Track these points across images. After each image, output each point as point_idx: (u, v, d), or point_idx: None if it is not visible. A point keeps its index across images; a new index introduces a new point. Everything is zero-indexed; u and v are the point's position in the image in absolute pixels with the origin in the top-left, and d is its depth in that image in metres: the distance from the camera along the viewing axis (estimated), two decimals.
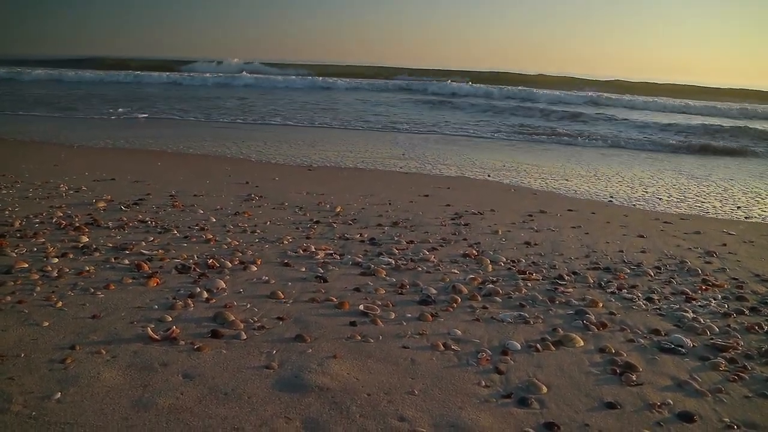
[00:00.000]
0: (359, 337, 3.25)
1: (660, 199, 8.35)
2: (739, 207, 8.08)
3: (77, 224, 5.16)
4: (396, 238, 5.35)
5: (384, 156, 11.23)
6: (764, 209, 8.07)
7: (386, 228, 5.75)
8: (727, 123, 20.45)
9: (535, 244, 5.43)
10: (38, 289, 3.67)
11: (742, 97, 35.09)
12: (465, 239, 5.49)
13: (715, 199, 8.54)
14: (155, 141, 11.88)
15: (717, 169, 11.84)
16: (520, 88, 31.28)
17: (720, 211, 7.73)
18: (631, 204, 7.87)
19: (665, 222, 6.71)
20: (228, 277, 4.10)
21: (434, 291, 4.03)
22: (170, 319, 3.35)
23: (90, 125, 14.43)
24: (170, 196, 6.63)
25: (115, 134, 12.56)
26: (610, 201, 7.98)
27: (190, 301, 3.60)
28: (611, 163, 11.91)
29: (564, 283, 4.37)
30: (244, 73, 36.30)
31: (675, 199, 8.36)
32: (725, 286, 4.52)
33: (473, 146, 13.58)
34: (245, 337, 3.17)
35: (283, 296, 3.80)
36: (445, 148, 12.95)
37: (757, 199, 8.86)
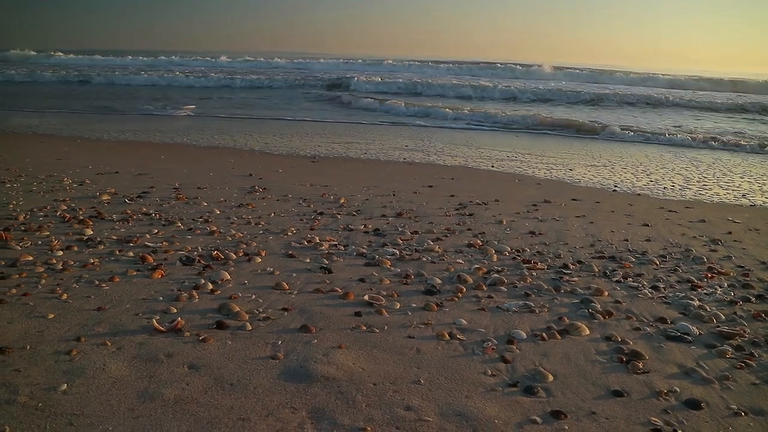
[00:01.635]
0: (364, 327, 3.24)
1: (664, 187, 8.31)
2: (744, 195, 8.05)
3: (81, 217, 5.16)
4: (400, 229, 5.34)
5: (388, 147, 11.21)
6: None
7: (390, 219, 5.74)
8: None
9: (540, 234, 5.41)
10: (43, 281, 3.67)
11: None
12: (469, 229, 5.47)
13: (720, 187, 8.50)
14: (159, 134, 11.88)
15: (721, 158, 11.78)
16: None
17: (725, 199, 7.70)
18: (635, 192, 7.84)
19: (670, 210, 6.69)
20: (233, 268, 4.10)
21: (439, 281, 4.02)
22: (175, 310, 3.35)
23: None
24: (174, 188, 6.63)
25: (118, 128, 12.57)
26: (615, 190, 7.95)
27: (194, 293, 3.60)
28: (614, 152, 11.86)
29: (569, 272, 4.36)
30: None
31: (679, 187, 8.33)
32: (731, 273, 4.50)
33: (477, 137, 13.54)
34: (250, 328, 3.17)
35: (287, 287, 3.80)
36: (449, 139, 12.92)
37: (763, 186, 8.81)
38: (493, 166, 9.53)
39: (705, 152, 12.43)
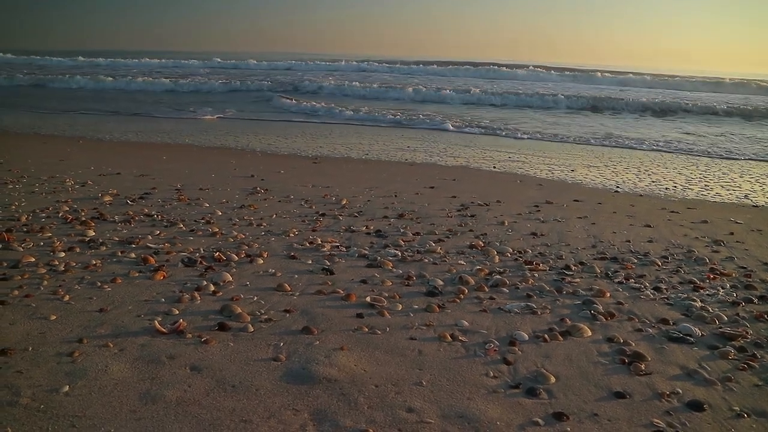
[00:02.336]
0: (366, 329, 3.24)
1: (666, 188, 8.30)
2: (746, 195, 8.04)
3: (83, 218, 5.17)
4: (402, 230, 5.34)
5: (389, 148, 11.21)
6: None
7: (392, 220, 5.74)
8: None
9: (542, 235, 5.41)
10: (45, 283, 3.67)
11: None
12: (471, 230, 5.47)
13: (722, 188, 8.49)
14: (159, 135, 11.90)
15: (723, 157, 11.76)
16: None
17: (727, 200, 7.68)
18: (637, 193, 7.83)
19: (672, 211, 6.68)
20: (234, 270, 4.10)
21: (441, 282, 4.02)
22: (177, 312, 3.35)
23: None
24: (176, 189, 6.64)
25: (119, 128, 12.59)
26: (617, 191, 7.95)
27: (196, 294, 3.60)
28: (615, 152, 11.85)
29: (571, 273, 4.36)
30: None
31: (681, 188, 8.32)
32: (733, 274, 4.49)
33: (477, 138, 13.54)
34: (252, 330, 3.17)
35: (289, 289, 3.80)
36: (450, 140, 12.92)
37: (765, 187, 8.80)
38: (494, 167, 9.53)
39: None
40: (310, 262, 4.36)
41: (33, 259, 4.06)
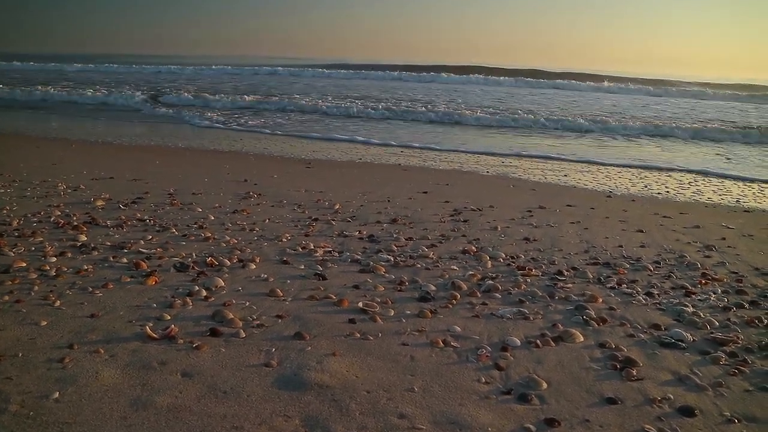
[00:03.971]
0: (358, 335, 3.24)
1: (659, 192, 8.34)
2: (738, 200, 8.08)
3: (75, 223, 5.14)
4: (395, 235, 5.34)
5: (383, 152, 11.23)
6: (762, 202, 8.07)
7: (385, 225, 5.74)
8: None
9: (535, 240, 5.42)
10: (36, 288, 3.65)
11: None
12: (464, 236, 5.48)
13: (714, 192, 8.53)
14: (153, 139, 11.88)
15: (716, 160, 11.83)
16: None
17: (719, 205, 7.72)
18: (630, 198, 7.86)
19: (664, 216, 6.71)
20: (227, 275, 4.08)
21: (433, 288, 4.02)
22: (169, 317, 3.34)
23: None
24: (168, 194, 6.62)
25: (114, 132, 12.56)
26: (609, 196, 7.97)
27: (188, 300, 3.58)
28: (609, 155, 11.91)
29: (563, 278, 4.36)
30: None
31: (674, 192, 8.35)
32: (725, 280, 4.51)
33: (474, 142, 13.57)
34: (244, 335, 3.15)
35: (281, 294, 3.79)
36: (445, 144, 12.95)
37: (756, 191, 8.85)
38: (488, 172, 9.55)
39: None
40: (302, 267, 4.35)
41: (24, 264, 4.03)
